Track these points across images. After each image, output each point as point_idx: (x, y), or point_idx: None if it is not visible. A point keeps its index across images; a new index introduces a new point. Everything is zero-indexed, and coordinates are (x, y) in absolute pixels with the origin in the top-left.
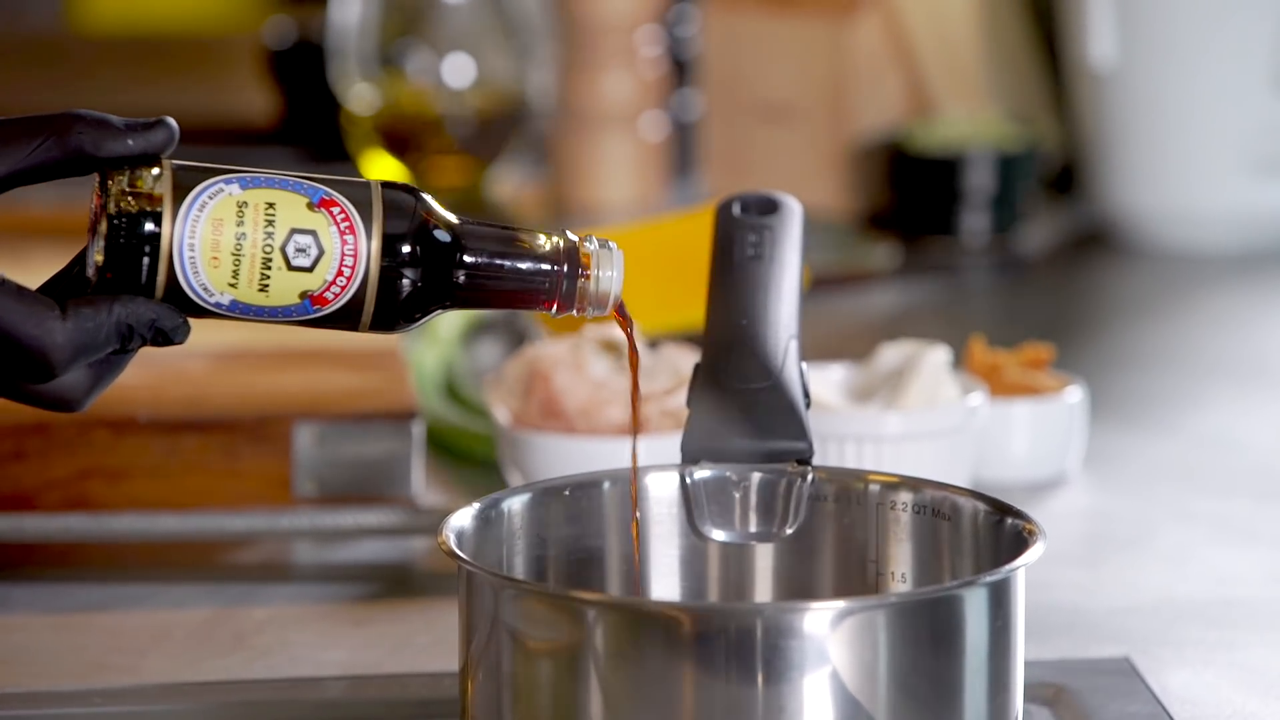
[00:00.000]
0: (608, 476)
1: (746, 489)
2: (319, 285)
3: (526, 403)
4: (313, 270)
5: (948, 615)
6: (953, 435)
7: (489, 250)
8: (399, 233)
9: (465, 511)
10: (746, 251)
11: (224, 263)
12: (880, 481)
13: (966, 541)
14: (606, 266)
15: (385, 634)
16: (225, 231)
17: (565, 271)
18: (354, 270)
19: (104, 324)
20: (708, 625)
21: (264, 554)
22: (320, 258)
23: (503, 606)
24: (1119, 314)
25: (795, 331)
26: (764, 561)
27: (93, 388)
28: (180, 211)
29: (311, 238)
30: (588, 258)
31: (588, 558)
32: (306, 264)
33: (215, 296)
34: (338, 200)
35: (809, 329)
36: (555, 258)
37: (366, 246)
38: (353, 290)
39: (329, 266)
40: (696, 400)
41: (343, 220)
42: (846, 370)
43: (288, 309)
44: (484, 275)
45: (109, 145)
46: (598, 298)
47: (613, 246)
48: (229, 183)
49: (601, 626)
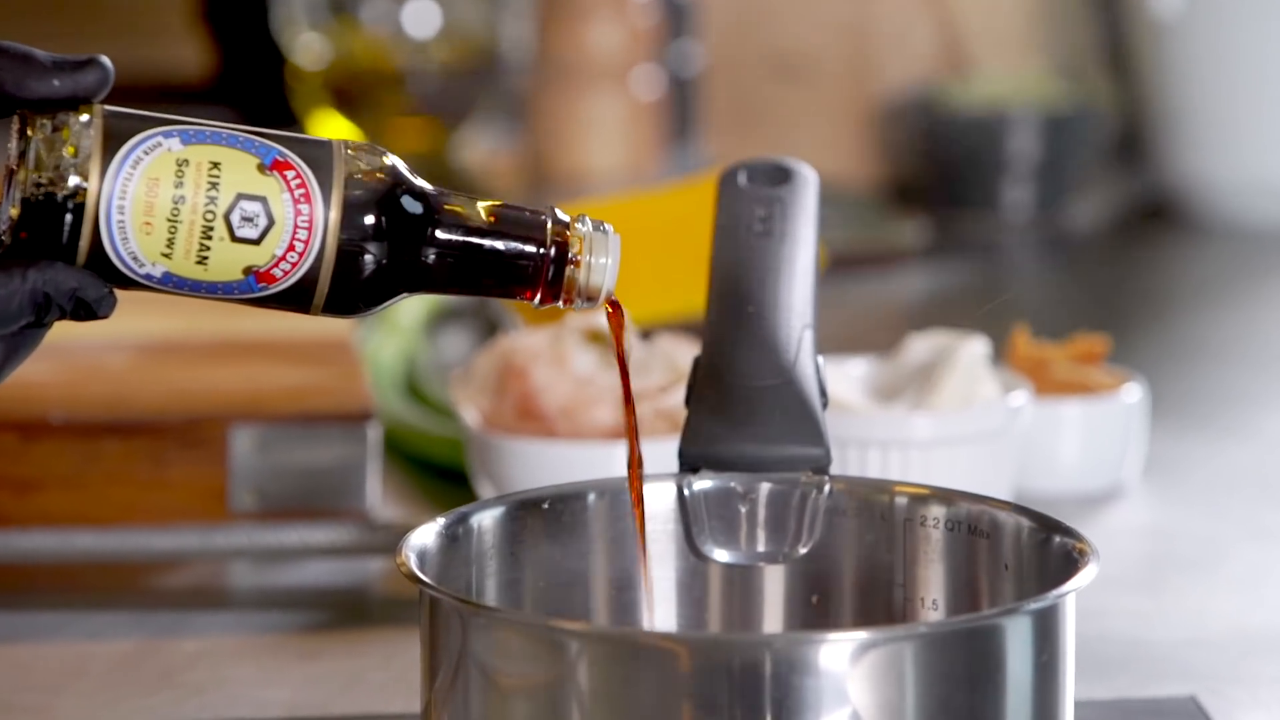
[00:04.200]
0: (594, 488)
1: (754, 502)
2: (266, 260)
3: (500, 402)
4: (260, 243)
5: (986, 648)
6: (992, 440)
7: (466, 226)
8: (362, 202)
9: (428, 528)
10: (754, 228)
11: (158, 229)
12: (908, 494)
13: (1008, 563)
14: (600, 253)
15: (336, 669)
16: (161, 193)
17: (553, 256)
18: (308, 244)
19: (17, 291)
20: (709, 659)
21: (196, 577)
22: (269, 229)
23: (472, 638)
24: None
25: (810, 320)
26: (774, 586)
27: (1, 367)
28: (111, 166)
29: (261, 205)
30: (579, 241)
31: (570, 581)
32: (253, 235)
33: (146, 267)
34: (293, 163)
35: (826, 317)
36: (542, 239)
37: (324, 217)
38: (305, 267)
39: (279, 239)
40: (696, 400)
41: (298, 186)
42: (869, 365)
43: (229, 285)
44: (459, 255)
45: (31, 84)
46: (588, 289)
47: (608, 230)
48: (169, 136)
49: (586, 661)
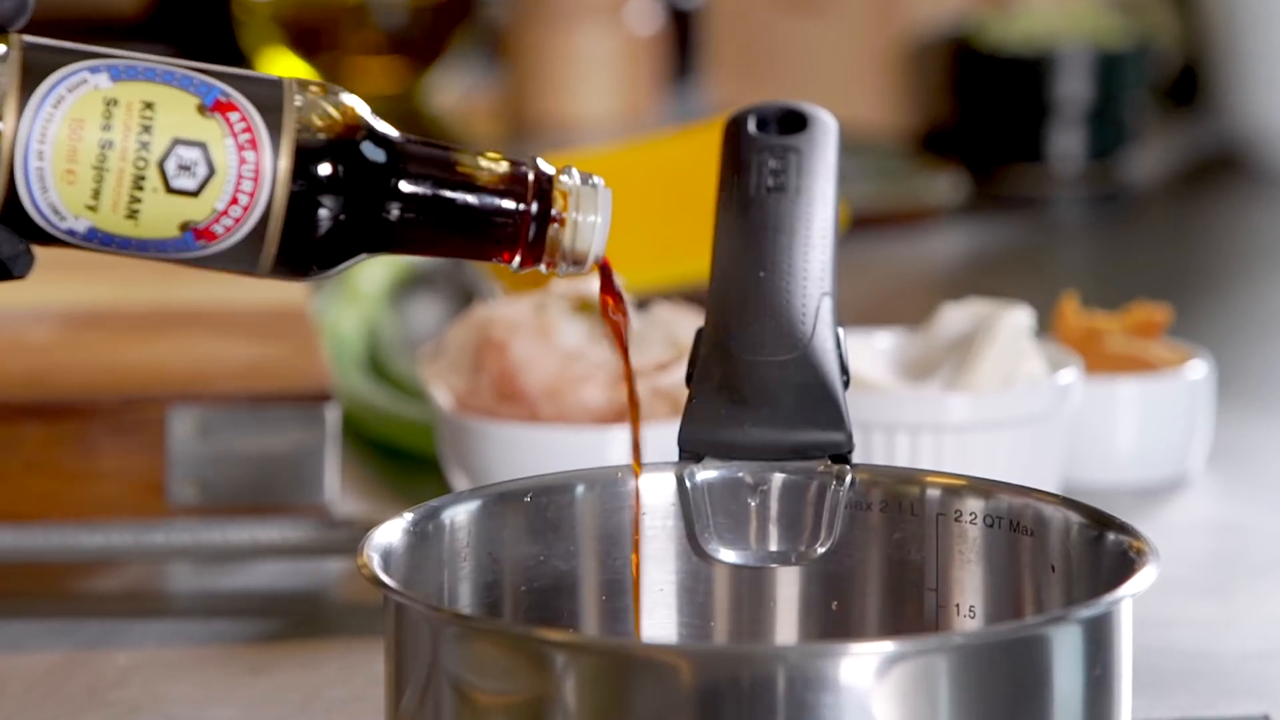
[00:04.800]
0: (583, 478)
1: (765, 495)
2: (206, 215)
3: (475, 380)
4: (199, 194)
5: (1030, 662)
6: (1037, 424)
7: (436, 178)
8: (317, 148)
9: (394, 524)
10: (765, 181)
11: (82, 178)
12: (941, 485)
13: (1055, 564)
14: (589, 209)
15: (289, 686)
16: (86, 136)
17: (534, 213)
18: (254, 197)
19: None
20: (714, 675)
21: (129, 580)
22: (210, 178)
23: (443, 649)
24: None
25: (829, 287)
26: (788, 590)
27: None
28: (29, 105)
29: (200, 151)
30: (564, 196)
31: (555, 585)
32: (191, 186)
33: (68, 221)
34: (238, 103)
35: (847, 284)
36: (522, 194)
37: (272, 165)
38: (251, 222)
39: (221, 190)
40: (699, 378)
41: (243, 130)
42: (897, 338)
43: (163, 243)
44: (427, 211)
45: None
46: (574, 251)
47: (598, 184)
48: (96, 71)
49: (574, 676)
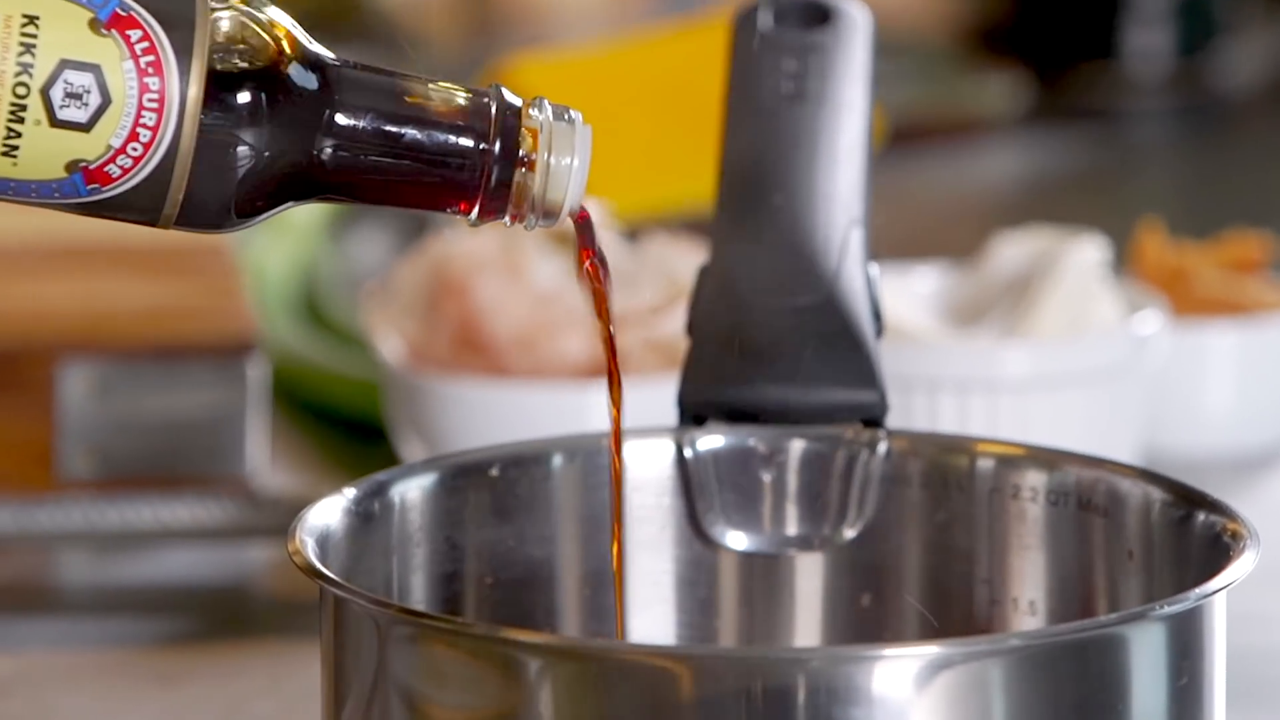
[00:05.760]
0: (561, 447)
1: (781, 466)
2: (99, 153)
3: (432, 328)
4: (91, 128)
5: (1103, 668)
6: (1111, 380)
7: (378, 110)
8: (235, 73)
9: (332, 503)
10: (782, 88)
11: None
12: (995, 455)
13: (1133, 549)
14: (564, 150)
15: (205, 698)
16: None
17: (497, 154)
18: (157, 132)
19: None
20: (719, 684)
21: (12, 570)
22: (104, 109)
23: (392, 653)
24: None
25: (859, 215)
26: (809, 582)
27: None
28: None
29: (92, 76)
30: (534, 134)
31: (528, 577)
32: (81, 118)
33: None
34: (139, 18)
35: (882, 211)
36: (483, 130)
37: (180, 93)
38: (153, 163)
39: (117, 123)
40: (703, 325)
41: (145, 50)
42: (942, 277)
43: (47, 186)
44: (367, 150)
45: None
46: (545, 201)
47: (576, 119)
48: None
49: (551, 686)
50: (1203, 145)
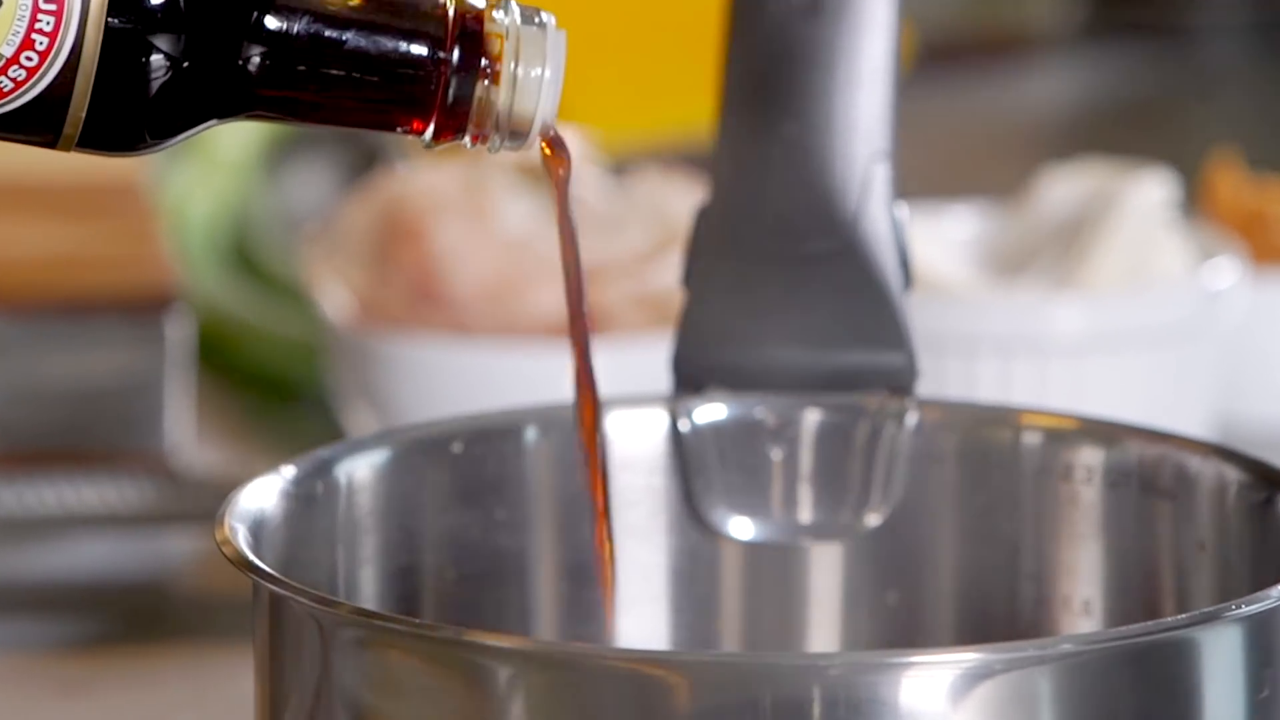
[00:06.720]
0: (534, 417)
1: (793, 441)
2: None
3: (383, 278)
4: None
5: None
6: (1179, 341)
7: (315, 10)
8: None
9: (267, 482)
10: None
11: None
12: (1044, 428)
13: (1205, 540)
14: (533, 59)
15: (118, 709)
16: None
17: (456, 63)
18: (55, 36)
19: None
20: (722, 694)
21: None
22: None
23: (338, 659)
24: None
25: (885, 146)
26: (826, 576)
27: None
28: None
29: None
30: (499, 40)
31: (497, 569)
32: None
33: None
34: None
35: (911, 142)
36: (439, 36)
37: None
38: (52, 73)
39: (8, 28)
40: (701, 276)
41: None
42: (982, 219)
43: None
44: (302, 58)
45: None
46: (512, 118)
47: (548, 22)
48: None
49: (524, 696)
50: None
